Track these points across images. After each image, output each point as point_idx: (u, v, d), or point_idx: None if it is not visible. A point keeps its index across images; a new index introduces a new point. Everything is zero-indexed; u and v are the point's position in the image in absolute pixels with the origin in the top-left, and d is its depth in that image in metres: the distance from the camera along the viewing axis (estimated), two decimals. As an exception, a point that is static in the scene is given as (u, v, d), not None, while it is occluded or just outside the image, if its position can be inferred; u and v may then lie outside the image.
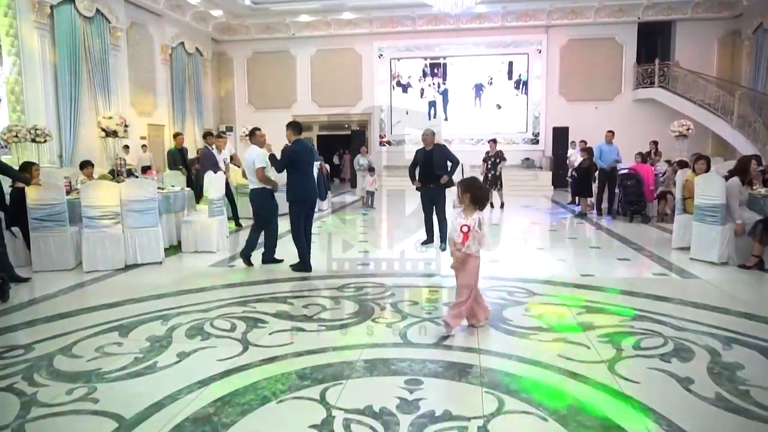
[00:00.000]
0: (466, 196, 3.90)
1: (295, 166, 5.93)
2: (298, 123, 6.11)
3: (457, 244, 3.88)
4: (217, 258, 6.75)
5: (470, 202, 3.89)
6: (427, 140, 7.14)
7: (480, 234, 3.86)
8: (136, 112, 15.08)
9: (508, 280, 5.50)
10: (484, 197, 3.99)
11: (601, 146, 10.07)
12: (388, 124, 18.59)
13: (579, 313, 4.40)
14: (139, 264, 6.29)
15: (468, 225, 3.83)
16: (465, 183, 3.98)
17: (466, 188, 3.93)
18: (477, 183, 4.03)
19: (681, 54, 16.75)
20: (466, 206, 3.91)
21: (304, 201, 6.00)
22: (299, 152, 5.88)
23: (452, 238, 3.95)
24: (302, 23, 17.98)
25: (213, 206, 7.09)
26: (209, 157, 8.56)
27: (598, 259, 6.61)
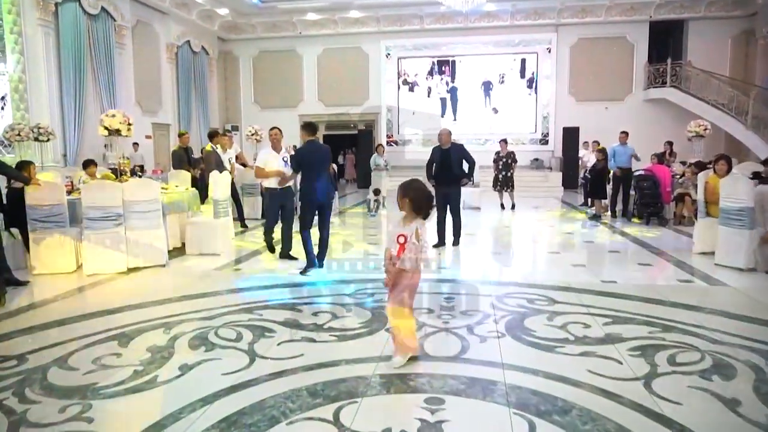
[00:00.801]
0: (406, 201, 3.31)
1: (304, 167, 5.89)
2: (311, 124, 6.01)
3: (393, 257, 3.34)
4: (222, 261, 6.51)
5: (411, 208, 3.31)
6: (443, 139, 7.11)
7: (417, 247, 3.28)
8: (141, 110, 14.89)
9: (525, 286, 5.24)
10: (427, 204, 3.35)
11: (614, 147, 9.78)
12: (395, 123, 18.33)
13: (605, 323, 4.13)
14: (141, 267, 6.06)
15: (405, 235, 3.27)
16: (406, 186, 3.36)
17: (406, 192, 3.32)
18: (419, 186, 3.39)
19: (693, 53, 16.43)
20: (407, 213, 3.34)
21: (311, 202, 5.91)
22: (306, 153, 5.85)
23: (388, 248, 3.41)
24: (309, 22, 17.75)
25: (218, 207, 6.85)
26: (214, 157, 8.32)
27: (617, 264, 6.33)
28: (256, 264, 6.51)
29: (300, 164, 5.88)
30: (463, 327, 4.07)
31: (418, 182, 3.43)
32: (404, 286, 3.38)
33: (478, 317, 4.30)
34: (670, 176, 9.22)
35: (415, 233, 3.26)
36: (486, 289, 5.17)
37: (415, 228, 3.27)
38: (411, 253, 3.27)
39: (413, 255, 3.28)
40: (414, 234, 3.26)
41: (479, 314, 4.37)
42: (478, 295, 4.97)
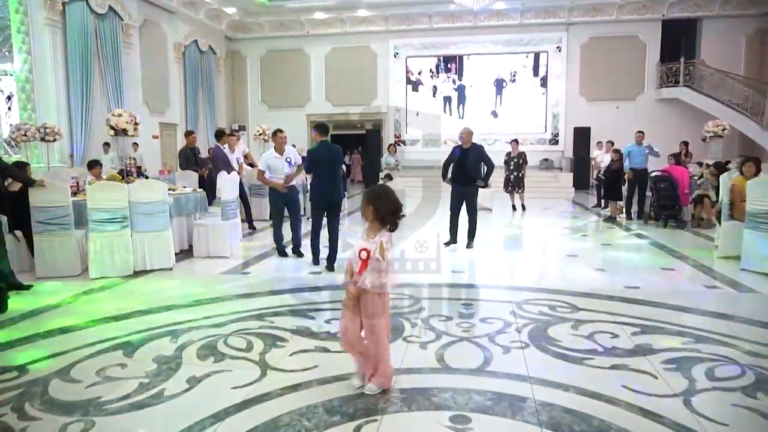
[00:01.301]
0: (370, 210, 2.86)
1: (315, 168, 6.04)
2: (322, 125, 6.10)
3: (354, 274, 2.88)
4: (231, 264, 6.32)
5: (375, 218, 2.86)
6: (465, 138, 7.00)
7: (381, 264, 2.79)
8: (149, 110, 14.76)
9: (545, 292, 5.02)
10: (394, 214, 2.86)
11: (630, 147, 9.53)
12: (403, 123, 18.13)
13: (634, 332, 3.91)
14: (148, 270, 5.88)
15: (368, 249, 2.80)
16: (371, 194, 2.93)
17: (370, 200, 2.87)
18: (385, 194, 2.92)
19: (707, 52, 16.12)
20: (371, 223, 2.90)
21: (318, 203, 6.00)
22: (314, 154, 5.97)
23: (350, 263, 2.95)
24: (317, 21, 17.57)
25: (226, 208, 6.67)
26: (222, 157, 8.15)
27: (638, 269, 6.08)
28: (265, 267, 6.32)
29: (311, 165, 6.03)
30: (483, 336, 3.86)
31: (384, 189, 3.00)
32: (371, 308, 2.88)
33: (498, 325, 4.10)
34: (688, 177, 8.96)
35: (379, 248, 2.78)
36: (504, 295, 4.96)
37: (379, 242, 2.80)
38: (373, 272, 2.79)
39: (376, 274, 2.80)
40: (378, 248, 2.78)
41: (500, 322, 4.16)
42: (497, 302, 4.76)
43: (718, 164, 8.62)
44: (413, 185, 12.29)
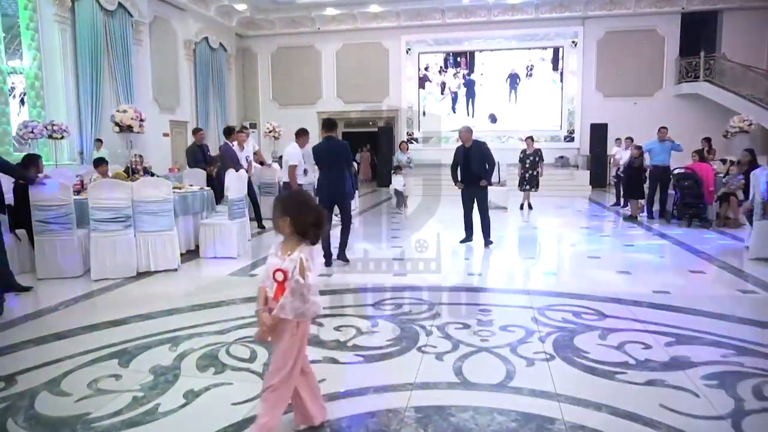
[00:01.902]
0: (286, 222, 2.31)
1: (318, 164, 6.07)
2: (328, 120, 6.10)
3: (269, 300, 2.33)
4: (238, 265, 6.08)
5: (293, 231, 2.32)
6: (463, 137, 6.90)
7: (302, 286, 2.25)
8: (159, 108, 14.61)
9: (567, 297, 4.71)
10: (316, 224, 2.34)
11: (651, 144, 9.15)
12: (415, 121, 17.81)
13: (668, 342, 3.60)
14: (152, 271, 5.66)
15: (284, 270, 2.27)
16: (286, 202, 2.38)
17: (285, 209, 2.32)
18: (305, 200, 2.43)
19: (728, 46, 15.60)
20: (288, 238, 2.35)
21: (322, 199, 5.90)
22: (318, 150, 5.97)
23: (263, 288, 2.39)
24: (327, 17, 17.31)
25: (233, 207, 6.43)
26: (230, 155, 7.92)
27: (666, 272, 5.74)
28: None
29: (317, 161, 6.02)
30: (504, 346, 3.57)
31: (302, 196, 2.56)
32: (288, 341, 2.34)
33: (520, 334, 3.80)
34: (713, 174, 8.57)
35: (299, 266, 2.24)
36: (524, 300, 4.66)
37: (299, 259, 2.25)
38: (293, 296, 2.25)
39: (297, 298, 2.26)
40: (298, 267, 2.24)
41: (521, 330, 3.86)
42: (517, 307, 4.46)
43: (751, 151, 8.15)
44: (426, 183, 12.05)
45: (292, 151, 6.66)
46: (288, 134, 16.14)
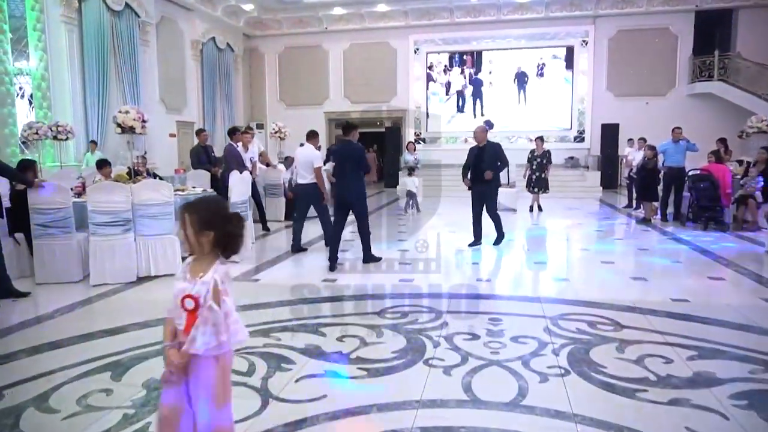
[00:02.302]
0: (209, 236, 1.87)
1: (335, 166, 6.18)
2: (345, 122, 6.12)
3: (179, 333, 1.91)
4: (241, 269, 5.91)
5: (213, 246, 1.90)
6: (478, 136, 6.87)
7: (217, 314, 1.84)
8: (166, 108, 14.53)
9: (581, 305, 4.50)
10: (240, 234, 1.94)
11: (665, 144, 8.90)
12: (423, 121, 17.60)
13: (690, 356, 3.38)
14: (152, 276, 5.51)
15: (195, 297, 1.84)
16: (201, 213, 1.89)
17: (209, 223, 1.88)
18: (222, 208, 1.99)
19: (743, 45, 15.24)
20: (198, 255, 1.92)
21: (337, 200, 6.01)
22: (332, 152, 6.31)
23: (171, 320, 1.96)
24: (335, 17, 17.14)
25: (236, 210, 6.26)
26: (234, 155, 7.77)
27: (683, 278, 5.51)
28: (277, 273, 5.92)
29: (334, 162, 6.15)
30: (515, 359, 3.37)
31: (219, 203, 2.03)
32: (206, 379, 1.90)
33: (532, 346, 3.60)
34: (730, 176, 8.30)
35: (212, 291, 1.84)
36: (536, 308, 4.45)
37: (212, 282, 1.85)
38: (206, 327, 1.83)
39: (210, 329, 1.83)
40: (211, 292, 1.84)
41: (533, 342, 3.67)
42: (528, 316, 4.26)
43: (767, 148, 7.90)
44: (433, 184, 11.85)
45: (313, 153, 6.53)
46: (295, 135, 16.11)
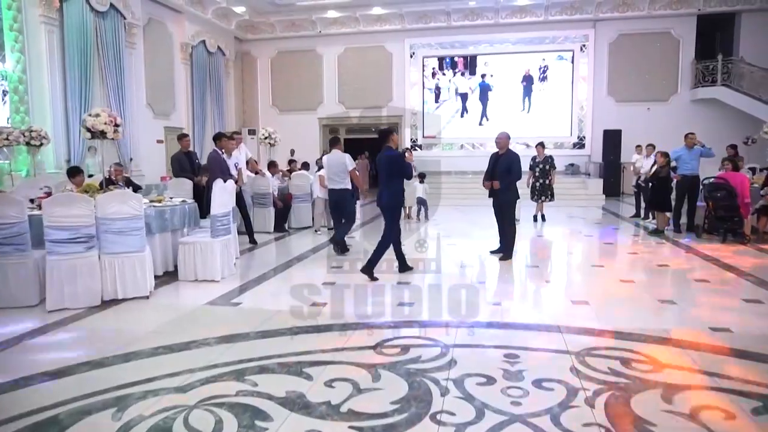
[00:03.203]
0: None
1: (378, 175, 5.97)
2: (383, 130, 5.89)
3: None
4: (221, 290, 5.24)
5: None
6: (500, 144, 6.59)
7: None
8: (153, 113, 13.87)
9: (608, 336, 3.87)
10: None
11: (678, 151, 8.32)
12: (420, 127, 16.99)
13: (755, 409, 2.75)
14: (119, 300, 4.84)
15: None
16: None
17: None
18: None
19: (745, 50, 14.74)
20: None
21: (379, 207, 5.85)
22: (377, 160, 5.81)
23: None
24: (329, 20, 16.55)
25: (216, 223, 5.60)
26: (218, 163, 7.12)
27: (716, 301, 4.88)
28: (262, 294, 5.25)
29: (378, 170, 5.89)
30: (543, 413, 2.73)
31: None
32: None
33: (560, 393, 2.96)
34: (749, 185, 7.72)
35: None
36: (556, 340, 3.81)
37: None
38: None
39: None
40: None
41: (561, 388, 3.02)
42: (550, 351, 3.62)
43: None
44: (432, 192, 11.22)
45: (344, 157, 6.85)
46: (288, 141, 15.49)
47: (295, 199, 9.07)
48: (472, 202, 11.88)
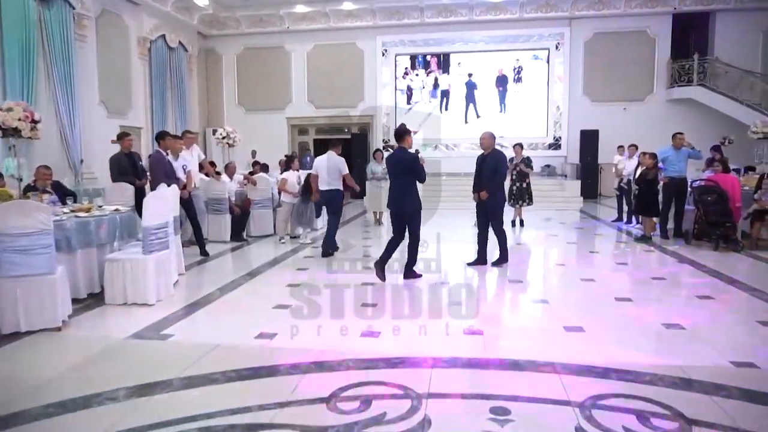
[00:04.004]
0: None
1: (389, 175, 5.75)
2: (398, 128, 5.55)
3: None
4: (152, 317, 4.35)
5: None
6: (484, 143, 6.19)
7: None
8: (107, 111, 12.77)
9: (615, 377, 3.13)
10: None
11: (665, 151, 7.73)
12: (392, 127, 16.18)
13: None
14: (22, 333, 3.91)
15: None
16: None
17: None
18: None
19: (720, 49, 14.40)
20: None
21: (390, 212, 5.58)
22: (388, 160, 5.64)
23: None
24: (298, 15, 15.64)
25: (150, 237, 4.70)
26: (162, 165, 6.21)
27: (732, 326, 4.18)
28: (201, 322, 4.38)
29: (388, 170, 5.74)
30: None
31: None
32: None
33: (567, 472, 2.20)
34: (740, 188, 7.16)
35: None
36: (554, 385, 3.06)
37: None
38: None
39: None
40: None
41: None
42: (546, 402, 2.86)
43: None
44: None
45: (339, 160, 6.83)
46: (251, 141, 14.60)
47: (255, 204, 8.17)
48: (450, 206, 11.17)
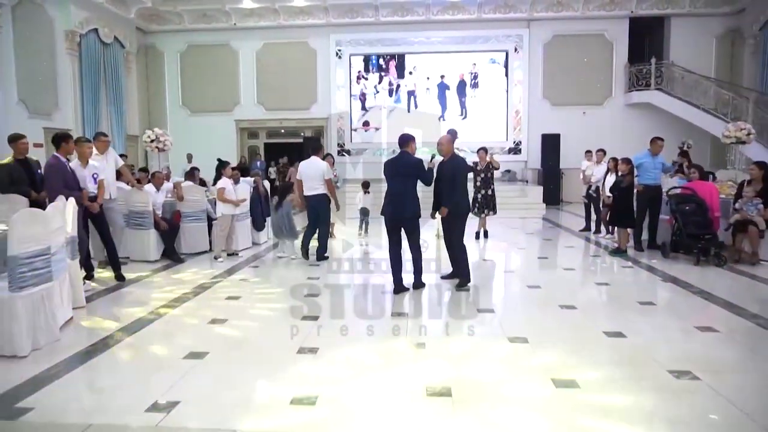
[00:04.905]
0: None
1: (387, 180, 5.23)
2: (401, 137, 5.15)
3: None
4: (15, 377, 3.19)
5: None
6: (442, 148, 5.31)
7: None
8: (28, 111, 11.26)
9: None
10: None
11: (640, 158, 7.07)
12: (347, 131, 15.22)
13: None
14: None
15: None
16: None
17: None
18: None
19: (676, 54, 14.18)
20: None
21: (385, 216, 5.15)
22: (385, 165, 5.20)
23: None
24: (245, 10, 14.47)
25: (20, 269, 3.55)
26: (60, 174, 5.02)
27: (750, 368, 3.42)
28: (78, 384, 3.26)
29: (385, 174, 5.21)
30: None
31: None
32: None
33: None
34: (718, 196, 6.56)
35: None
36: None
37: None
38: None
39: None
40: None
41: None
42: None
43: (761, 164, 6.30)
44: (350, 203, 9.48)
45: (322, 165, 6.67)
46: (191, 144, 13.35)
47: (186, 218, 7.01)
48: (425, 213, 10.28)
